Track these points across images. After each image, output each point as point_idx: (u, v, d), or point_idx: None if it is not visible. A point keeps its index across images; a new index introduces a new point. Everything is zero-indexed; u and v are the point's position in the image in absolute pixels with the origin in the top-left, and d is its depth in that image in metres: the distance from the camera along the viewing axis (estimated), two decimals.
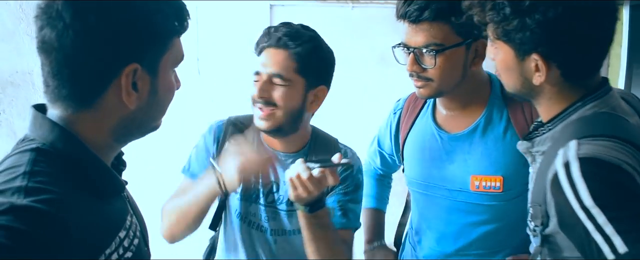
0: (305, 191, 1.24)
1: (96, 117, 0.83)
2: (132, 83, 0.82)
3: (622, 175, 0.88)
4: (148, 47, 0.83)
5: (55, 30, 0.77)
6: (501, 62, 1.08)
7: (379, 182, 1.82)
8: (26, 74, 1.79)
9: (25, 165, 0.76)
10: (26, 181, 0.73)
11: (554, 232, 0.98)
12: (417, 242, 1.58)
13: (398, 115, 1.60)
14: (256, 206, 1.48)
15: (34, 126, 0.82)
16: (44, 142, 0.80)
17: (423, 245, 1.55)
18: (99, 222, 0.81)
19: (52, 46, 0.78)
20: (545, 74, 1.00)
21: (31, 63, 1.77)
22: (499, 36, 1.03)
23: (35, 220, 0.69)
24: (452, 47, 1.30)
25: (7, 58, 1.89)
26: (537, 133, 1.10)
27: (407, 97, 1.63)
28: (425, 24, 1.29)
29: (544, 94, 1.06)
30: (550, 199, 0.96)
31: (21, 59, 1.78)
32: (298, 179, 1.24)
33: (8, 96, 1.88)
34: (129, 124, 0.87)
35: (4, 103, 1.90)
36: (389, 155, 1.70)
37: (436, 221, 1.50)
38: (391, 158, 1.70)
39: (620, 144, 0.92)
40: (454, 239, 1.47)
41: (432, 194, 1.48)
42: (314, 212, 1.30)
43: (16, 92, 1.85)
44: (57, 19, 0.77)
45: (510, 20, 0.99)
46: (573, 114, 1.03)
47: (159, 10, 0.83)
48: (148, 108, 0.87)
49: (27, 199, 0.70)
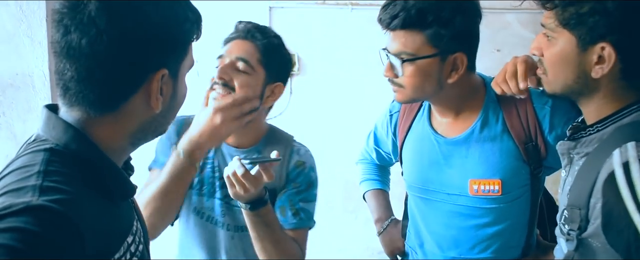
0: (242, 188, 1.25)
1: (117, 120, 0.83)
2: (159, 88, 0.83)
3: None
4: (174, 53, 0.85)
5: (87, 36, 0.76)
6: (556, 54, 1.03)
7: (379, 167, 1.83)
8: (26, 76, 1.78)
9: (39, 165, 0.75)
10: (41, 180, 0.72)
11: (591, 236, 0.96)
12: (418, 245, 1.58)
13: (395, 118, 1.61)
14: (212, 200, 1.48)
15: (47, 127, 0.82)
16: (57, 142, 0.79)
17: (424, 249, 1.55)
18: (109, 225, 0.81)
19: (82, 52, 0.77)
20: (611, 65, 0.95)
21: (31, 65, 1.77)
22: (566, 21, 0.98)
23: (51, 221, 0.68)
24: (422, 58, 1.29)
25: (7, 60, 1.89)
26: (583, 133, 1.05)
27: None
28: (400, 32, 1.29)
29: (598, 92, 1.02)
30: (597, 200, 0.93)
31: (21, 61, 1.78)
32: (234, 176, 1.24)
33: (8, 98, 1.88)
34: (147, 128, 0.88)
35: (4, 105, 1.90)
36: (386, 153, 1.71)
37: (436, 225, 1.50)
38: (388, 156, 1.71)
39: None
40: (455, 242, 1.47)
41: (432, 198, 1.48)
42: (256, 210, 1.31)
43: (16, 95, 1.85)
44: (90, 25, 0.76)
45: (581, 4, 0.94)
46: (626, 117, 0.99)
47: (186, 18, 0.85)
48: (167, 112, 0.89)
49: (42, 197, 0.69)
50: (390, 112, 1.63)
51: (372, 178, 1.82)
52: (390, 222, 1.73)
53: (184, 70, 0.89)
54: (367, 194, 1.81)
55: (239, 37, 1.40)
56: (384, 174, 1.85)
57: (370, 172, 1.84)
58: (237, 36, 1.41)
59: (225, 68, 1.35)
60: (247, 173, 1.23)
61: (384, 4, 1.32)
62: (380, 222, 1.75)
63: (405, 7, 1.27)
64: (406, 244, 1.66)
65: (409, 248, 1.64)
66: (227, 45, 1.41)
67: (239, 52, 1.38)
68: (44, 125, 0.82)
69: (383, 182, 1.83)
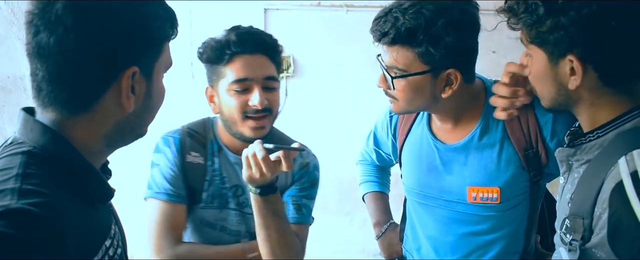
0: (258, 171, 1.25)
1: (92, 120, 0.82)
2: (131, 86, 0.82)
3: None
4: (145, 51, 0.84)
5: (55, 35, 0.76)
6: (535, 70, 1.04)
7: (378, 169, 1.82)
8: (18, 79, 1.77)
9: (17, 168, 0.74)
10: (20, 183, 0.72)
11: (596, 246, 0.94)
12: (415, 249, 1.57)
13: (395, 119, 1.59)
14: (226, 211, 1.47)
15: (25, 129, 0.81)
16: (35, 145, 0.79)
17: (421, 253, 1.54)
18: (88, 228, 0.81)
19: (51, 51, 0.77)
20: (581, 76, 0.96)
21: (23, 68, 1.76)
22: (533, 39, 0.99)
23: (30, 224, 0.68)
24: (412, 75, 1.26)
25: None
26: (583, 140, 1.03)
27: None
28: (392, 47, 1.26)
29: (583, 101, 1.01)
30: (603, 210, 0.91)
31: (13, 63, 1.76)
32: (253, 157, 1.25)
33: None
34: (123, 128, 0.87)
35: None
36: (386, 154, 1.69)
37: (434, 230, 1.48)
38: (388, 157, 1.70)
39: None
40: (453, 248, 1.45)
41: (430, 203, 1.47)
42: (265, 196, 1.30)
43: (7, 98, 1.83)
44: (57, 23, 0.76)
45: (544, 20, 0.96)
46: (628, 123, 0.97)
47: (157, 15, 0.84)
48: (142, 112, 0.88)
49: (21, 201, 0.69)
50: (390, 114, 1.60)
51: (371, 180, 1.81)
52: (389, 226, 1.72)
53: (159, 69, 0.89)
54: (366, 196, 1.80)
55: (249, 52, 1.37)
56: (384, 176, 1.84)
57: (370, 174, 1.82)
58: (243, 51, 1.36)
59: (262, 95, 1.35)
60: (267, 156, 1.24)
61: (376, 16, 1.29)
62: (379, 225, 1.73)
63: (395, 25, 1.23)
64: (403, 247, 1.65)
65: (406, 251, 1.63)
66: (237, 63, 1.36)
67: (263, 71, 1.37)
68: (21, 128, 0.82)
69: (382, 184, 1.82)
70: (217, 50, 1.37)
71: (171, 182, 1.42)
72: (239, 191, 1.47)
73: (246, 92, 1.36)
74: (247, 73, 1.35)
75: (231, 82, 1.36)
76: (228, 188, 1.45)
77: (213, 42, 1.38)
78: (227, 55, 1.36)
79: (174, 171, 1.42)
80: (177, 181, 1.42)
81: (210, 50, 1.38)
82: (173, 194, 1.41)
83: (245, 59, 1.36)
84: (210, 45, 1.39)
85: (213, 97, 1.44)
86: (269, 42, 1.40)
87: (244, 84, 1.36)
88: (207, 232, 1.48)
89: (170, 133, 1.48)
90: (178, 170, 1.42)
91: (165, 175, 1.42)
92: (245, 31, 1.39)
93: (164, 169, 1.43)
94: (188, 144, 1.45)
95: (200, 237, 1.48)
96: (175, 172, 1.42)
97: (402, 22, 1.22)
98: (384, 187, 1.82)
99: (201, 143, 1.47)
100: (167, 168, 1.43)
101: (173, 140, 1.45)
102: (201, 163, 1.45)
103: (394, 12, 1.24)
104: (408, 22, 1.22)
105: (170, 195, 1.41)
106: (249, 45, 1.36)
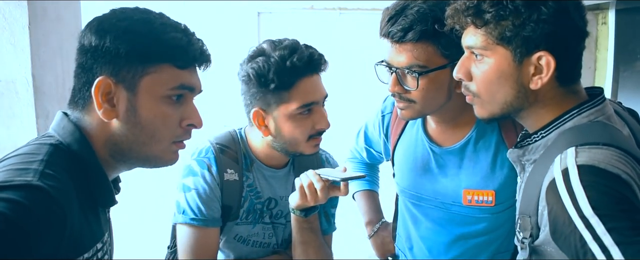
0: (314, 200, 1.28)
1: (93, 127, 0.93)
2: (109, 98, 0.91)
3: (622, 185, 0.85)
4: (123, 65, 0.91)
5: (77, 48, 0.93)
6: (490, 72, 1.02)
7: (368, 166, 1.82)
8: (10, 83, 1.76)
9: (43, 155, 0.86)
10: (43, 167, 0.83)
11: (543, 243, 0.95)
12: (407, 248, 1.56)
13: (388, 119, 1.58)
14: (261, 226, 1.46)
15: (59, 126, 0.94)
16: (62, 140, 0.91)
17: (413, 252, 1.54)
18: (86, 225, 0.88)
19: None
20: (551, 72, 0.96)
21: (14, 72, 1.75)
22: (498, 38, 0.98)
23: (43, 200, 0.77)
24: (436, 70, 1.23)
25: None
26: (529, 140, 1.05)
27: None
28: (409, 44, 1.22)
29: (537, 103, 1.02)
30: (543, 207, 0.93)
31: (4, 67, 1.75)
32: (310, 187, 1.27)
33: None
34: (119, 143, 0.94)
35: None
36: (377, 152, 1.69)
37: (428, 231, 1.48)
38: (379, 155, 1.70)
39: (619, 153, 0.90)
40: (446, 249, 1.45)
41: (424, 204, 1.46)
42: (308, 217, 1.34)
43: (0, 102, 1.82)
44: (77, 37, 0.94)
45: (514, 17, 0.95)
46: (568, 122, 0.99)
47: (142, 34, 0.91)
48: (131, 127, 0.93)
49: (41, 181, 0.79)
50: (382, 113, 1.60)
51: None
52: (381, 225, 1.72)
53: (150, 87, 0.92)
54: (356, 194, 1.80)
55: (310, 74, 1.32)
56: (374, 173, 1.84)
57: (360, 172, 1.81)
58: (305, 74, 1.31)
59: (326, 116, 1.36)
60: (325, 186, 1.27)
61: (387, 15, 1.24)
62: (371, 224, 1.73)
63: (422, 19, 1.19)
64: (396, 246, 1.64)
65: (399, 250, 1.63)
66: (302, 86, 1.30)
67: (322, 92, 1.36)
68: (55, 124, 0.94)
69: (372, 182, 1.82)
70: (281, 75, 1.28)
71: (210, 207, 1.36)
72: (272, 204, 1.46)
73: (310, 114, 1.33)
74: (314, 97, 1.32)
75: (298, 107, 1.30)
76: (262, 202, 1.43)
77: (272, 67, 1.28)
78: (291, 80, 1.30)
79: (213, 194, 1.36)
80: (215, 204, 1.37)
81: (271, 75, 1.28)
82: (210, 219, 1.35)
83: (309, 82, 1.31)
84: (268, 69, 1.28)
85: (264, 120, 1.35)
86: (322, 61, 1.35)
87: (311, 107, 1.33)
88: (239, 247, 1.46)
89: (203, 154, 1.40)
90: (217, 192, 1.37)
91: (204, 200, 1.35)
92: (305, 53, 1.31)
93: (202, 193, 1.35)
94: (223, 162, 1.39)
95: (233, 251, 1.46)
96: (214, 195, 1.36)
97: (426, 14, 1.20)
98: (374, 185, 1.82)
99: (234, 159, 1.41)
100: (206, 192, 1.36)
101: (209, 161, 1.38)
102: (236, 180, 1.39)
103: (411, 7, 1.21)
104: (431, 13, 1.19)
105: (207, 221, 1.35)
106: (309, 67, 1.31)
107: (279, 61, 1.28)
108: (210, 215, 1.35)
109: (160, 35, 0.92)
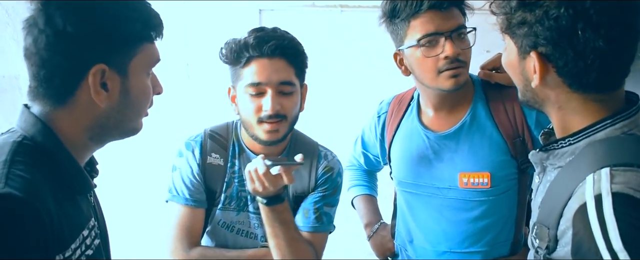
0: (261, 185, 1.28)
1: (72, 114, 0.91)
2: (102, 83, 0.90)
3: None
4: (115, 50, 0.91)
5: (32, 36, 0.87)
6: (506, 60, 1.04)
7: (367, 173, 1.85)
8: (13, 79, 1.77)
9: (6, 154, 0.83)
10: (7, 169, 0.80)
11: (560, 258, 0.92)
12: (407, 241, 1.58)
13: (383, 119, 1.62)
14: (245, 214, 1.48)
15: (20, 119, 0.91)
16: (25, 134, 0.89)
17: (414, 245, 1.56)
18: (67, 216, 0.87)
19: (31, 51, 0.88)
20: (540, 75, 0.94)
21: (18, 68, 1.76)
22: (505, 29, 0.99)
23: (14, 208, 0.75)
24: (471, 31, 1.39)
25: None
26: (555, 145, 1.00)
27: (391, 99, 1.65)
28: (453, 9, 1.36)
29: (550, 103, 0.99)
30: (567, 227, 0.89)
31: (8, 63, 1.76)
32: (255, 172, 1.27)
33: None
34: (105, 123, 0.93)
35: None
36: (374, 156, 1.72)
37: (427, 219, 1.51)
38: (376, 159, 1.72)
39: None
40: (445, 236, 1.48)
41: (422, 192, 1.49)
42: (272, 206, 1.33)
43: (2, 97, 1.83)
44: (34, 26, 0.87)
45: (514, 13, 0.95)
46: (599, 132, 0.94)
47: (126, 17, 0.91)
48: (122, 108, 0.94)
49: (7, 187, 0.76)
50: (379, 114, 1.65)
51: (359, 184, 1.83)
52: (380, 226, 1.74)
53: (137, 68, 0.94)
54: (355, 199, 1.83)
55: (267, 56, 1.34)
56: (372, 180, 1.87)
57: (358, 178, 1.84)
58: (260, 54, 1.34)
59: (275, 100, 1.34)
60: (267, 172, 1.26)
61: None
62: (370, 226, 1.75)
63: None
64: (396, 244, 1.66)
65: (399, 247, 1.64)
66: (253, 67, 1.35)
67: (278, 76, 1.35)
68: (18, 118, 0.92)
69: (371, 188, 1.84)
70: (236, 52, 1.36)
71: (190, 187, 1.43)
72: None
73: (261, 96, 1.35)
74: (261, 77, 1.34)
75: (246, 85, 1.36)
76: (247, 190, 1.45)
77: (233, 44, 1.38)
78: (244, 58, 1.36)
79: (193, 175, 1.44)
80: (197, 185, 1.43)
81: (229, 52, 1.37)
82: (191, 198, 1.43)
83: (261, 63, 1.35)
84: (230, 46, 1.38)
85: (234, 98, 1.44)
86: (288, 46, 1.37)
87: (258, 88, 1.35)
88: (224, 233, 1.48)
89: (193, 137, 1.49)
90: (199, 173, 1.44)
91: (185, 179, 1.44)
92: (264, 34, 1.36)
93: (184, 173, 1.44)
94: (209, 146, 1.46)
95: (218, 238, 1.49)
96: (195, 176, 1.44)
97: None
98: (373, 190, 1.85)
99: (222, 145, 1.47)
100: (187, 172, 1.44)
101: (195, 144, 1.46)
102: (221, 165, 1.46)
103: None
104: None
105: (189, 199, 1.43)
106: (266, 48, 1.34)
107: (239, 40, 1.37)
108: (192, 195, 1.42)
109: (141, 15, 0.93)
